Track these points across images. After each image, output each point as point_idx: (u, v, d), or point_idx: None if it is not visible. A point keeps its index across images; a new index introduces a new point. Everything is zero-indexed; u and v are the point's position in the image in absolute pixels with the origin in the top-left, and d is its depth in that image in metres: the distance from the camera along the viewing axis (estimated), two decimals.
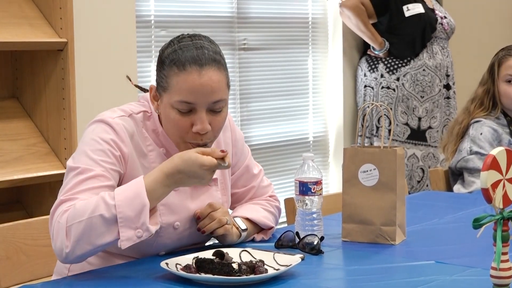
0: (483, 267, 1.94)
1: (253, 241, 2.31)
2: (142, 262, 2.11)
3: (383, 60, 4.77)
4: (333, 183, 5.04)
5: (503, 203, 1.65)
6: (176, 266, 1.93)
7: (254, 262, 1.92)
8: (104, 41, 3.79)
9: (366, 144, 4.48)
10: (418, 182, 4.76)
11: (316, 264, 2.10)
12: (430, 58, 4.78)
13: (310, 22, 4.94)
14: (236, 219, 2.27)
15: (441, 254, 2.16)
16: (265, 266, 1.92)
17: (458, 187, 3.45)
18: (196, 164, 1.96)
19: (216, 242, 2.25)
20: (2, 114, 3.31)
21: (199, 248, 2.20)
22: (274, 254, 2.01)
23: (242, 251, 2.03)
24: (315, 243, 2.18)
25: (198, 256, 1.95)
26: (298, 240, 2.21)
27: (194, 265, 1.93)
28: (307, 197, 2.25)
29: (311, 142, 4.97)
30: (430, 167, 4.70)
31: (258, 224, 2.32)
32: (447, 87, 4.85)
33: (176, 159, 2.01)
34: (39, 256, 2.21)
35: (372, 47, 4.79)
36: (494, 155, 1.63)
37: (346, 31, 4.91)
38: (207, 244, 2.32)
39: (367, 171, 2.31)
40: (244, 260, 1.97)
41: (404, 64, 4.75)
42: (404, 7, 4.74)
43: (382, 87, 4.74)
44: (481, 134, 3.43)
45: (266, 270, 1.91)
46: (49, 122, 3.31)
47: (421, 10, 4.75)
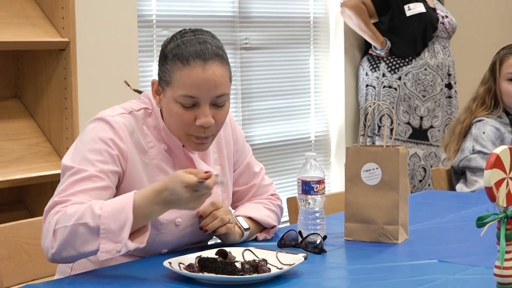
0: (486, 266, 1.94)
1: (256, 240, 2.31)
2: (145, 261, 2.11)
3: (385, 59, 4.77)
4: (334, 183, 5.04)
5: (507, 201, 1.64)
6: (179, 265, 1.93)
7: (257, 261, 1.92)
8: (106, 40, 3.79)
9: (368, 143, 4.48)
10: (420, 181, 4.76)
11: (319, 263, 2.10)
12: (431, 57, 4.78)
13: (311, 22, 4.94)
14: (238, 218, 2.27)
15: (444, 253, 2.16)
16: (268, 265, 1.92)
17: (460, 186, 3.44)
18: (178, 181, 1.93)
19: (219, 241, 2.25)
20: (4, 114, 3.31)
21: (202, 247, 2.20)
22: (277, 253, 2.01)
23: (245, 250, 2.03)
24: (318, 242, 2.17)
25: (201, 255, 1.95)
26: (301, 239, 2.21)
27: (197, 264, 1.93)
28: (309, 196, 2.25)
29: (312, 141, 4.97)
30: (432, 166, 4.70)
31: (261, 223, 2.31)
32: (449, 86, 4.85)
33: (166, 177, 2.02)
34: (41, 255, 2.20)
35: (374, 47, 4.79)
36: (498, 154, 1.63)
37: (348, 30, 4.91)
38: (209, 243, 2.32)
39: (369, 170, 2.31)
40: (247, 259, 1.97)
41: (405, 63, 4.75)
42: (405, 7, 4.74)
43: (384, 86, 4.74)
44: (483, 133, 3.43)
45: (269, 269, 1.91)
46: (51, 122, 3.31)
47: (422, 9, 4.75)
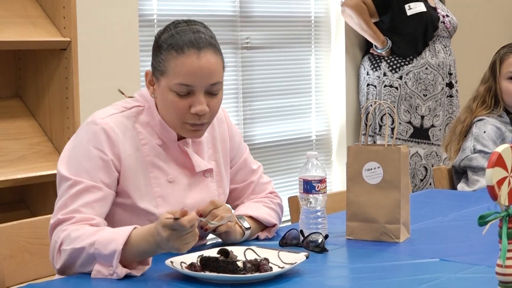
0: (487, 265, 1.94)
1: (257, 239, 2.31)
2: None
3: (386, 58, 4.77)
4: (336, 182, 5.04)
5: (509, 200, 1.64)
6: (181, 265, 1.93)
7: (258, 260, 1.93)
8: (107, 40, 3.79)
9: (369, 143, 4.48)
10: (421, 180, 4.76)
11: (321, 262, 2.10)
12: (432, 56, 4.78)
13: (312, 21, 4.94)
14: (239, 217, 2.27)
15: (445, 252, 2.16)
16: (269, 264, 1.93)
17: (462, 186, 3.44)
18: (159, 221, 1.91)
19: (220, 240, 2.25)
20: (5, 114, 3.31)
21: (203, 246, 2.20)
22: (278, 252, 2.01)
23: (247, 249, 2.03)
24: (319, 241, 2.18)
25: (202, 254, 1.95)
26: (302, 238, 2.22)
27: (199, 263, 1.93)
28: (311, 195, 2.25)
29: (314, 140, 4.97)
30: (433, 166, 4.70)
31: (261, 222, 2.32)
32: (450, 85, 4.85)
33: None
34: (43, 255, 2.21)
35: (375, 46, 4.79)
36: (500, 152, 1.63)
37: (349, 29, 4.91)
38: (210, 243, 2.32)
39: (371, 169, 2.31)
40: (248, 258, 1.97)
41: (406, 62, 4.75)
42: (406, 6, 4.74)
43: (385, 86, 4.74)
44: (484, 132, 3.43)
45: (271, 268, 1.91)
46: (52, 121, 3.31)
47: (423, 8, 4.75)
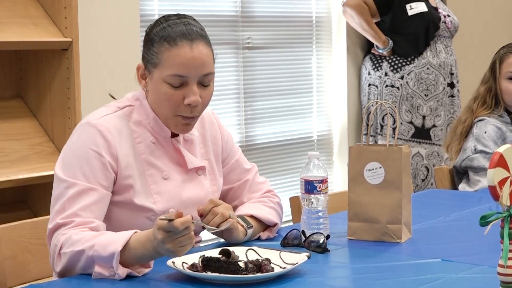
0: (489, 265, 1.94)
1: (259, 239, 2.31)
2: None
3: (387, 58, 4.77)
4: (337, 182, 5.04)
5: (510, 200, 1.64)
6: (182, 265, 1.93)
7: (260, 261, 1.93)
8: (109, 40, 3.79)
9: (370, 143, 4.47)
10: (423, 180, 4.76)
11: (322, 262, 2.10)
12: (434, 56, 4.77)
13: (314, 21, 4.94)
14: (240, 217, 2.27)
15: (447, 252, 2.16)
16: (271, 265, 1.93)
17: (463, 186, 3.44)
18: (155, 225, 1.91)
19: (222, 240, 2.25)
20: (7, 114, 3.31)
21: (205, 246, 2.20)
22: (280, 253, 2.01)
23: (248, 249, 2.03)
24: (321, 241, 2.17)
25: (204, 255, 1.95)
26: (304, 238, 2.21)
27: (200, 263, 1.93)
28: (312, 195, 2.25)
29: (315, 140, 4.97)
30: (434, 166, 4.70)
31: (263, 221, 2.32)
32: (451, 85, 4.84)
33: None
34: (44, 255, 2.21)
35: (376, 46, 4.79)
36: (501, 153, 1.63)
37: (350, 29, 4.90)
38: (211, 242, 2.32)
39: (372, 169, 2.31)
40: (250, 258, 1.97)
41: (408, 62, 4.75)
42: (407, 6, 4.73)
43: (386, 86, 4.74)
44: (485, 132, 3.42)
45: (273, 268, 1.91)
46: (53, 122, 3.31)
47: (424, 8, 4.74)
